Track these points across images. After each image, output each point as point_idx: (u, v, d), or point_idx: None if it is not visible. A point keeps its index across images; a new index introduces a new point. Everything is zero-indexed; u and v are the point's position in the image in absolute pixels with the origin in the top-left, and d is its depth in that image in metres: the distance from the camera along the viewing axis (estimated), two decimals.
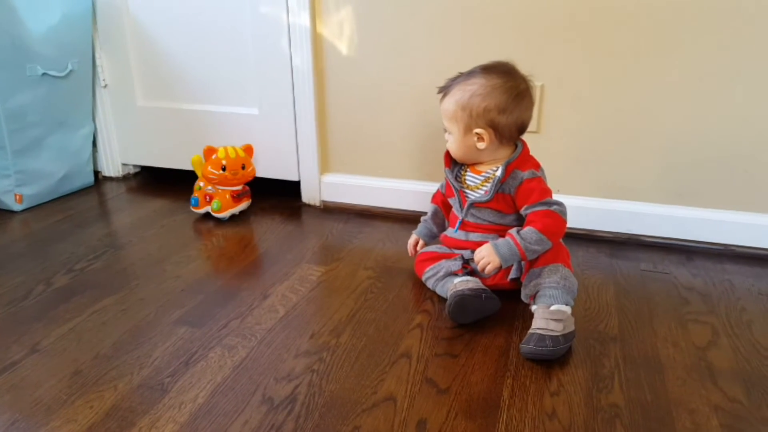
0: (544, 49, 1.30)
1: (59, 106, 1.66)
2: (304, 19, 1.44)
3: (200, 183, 1.52)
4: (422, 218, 1.26)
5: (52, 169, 1.66)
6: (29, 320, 1.05)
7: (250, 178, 1.51)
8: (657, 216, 1.33)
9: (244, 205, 1.54)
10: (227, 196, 1.49)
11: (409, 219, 1.50)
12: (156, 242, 1.39)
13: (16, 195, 1.57)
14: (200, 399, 0.83)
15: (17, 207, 1.58)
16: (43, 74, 1.57)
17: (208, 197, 1.51)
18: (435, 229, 1.24)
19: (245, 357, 0.93)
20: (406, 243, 1.26)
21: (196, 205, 1.52)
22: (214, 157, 1.45)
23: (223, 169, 1.44)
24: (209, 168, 1.45)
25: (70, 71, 1.65)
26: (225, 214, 1.50)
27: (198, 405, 0.82)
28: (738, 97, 1.21)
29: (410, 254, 1.23)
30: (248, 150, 1.52)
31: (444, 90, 1.09)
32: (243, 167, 1.47)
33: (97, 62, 1.75)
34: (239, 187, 1.51)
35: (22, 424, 0.79)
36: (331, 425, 0.78)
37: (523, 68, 1.06)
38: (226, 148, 1.46)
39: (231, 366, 0.91)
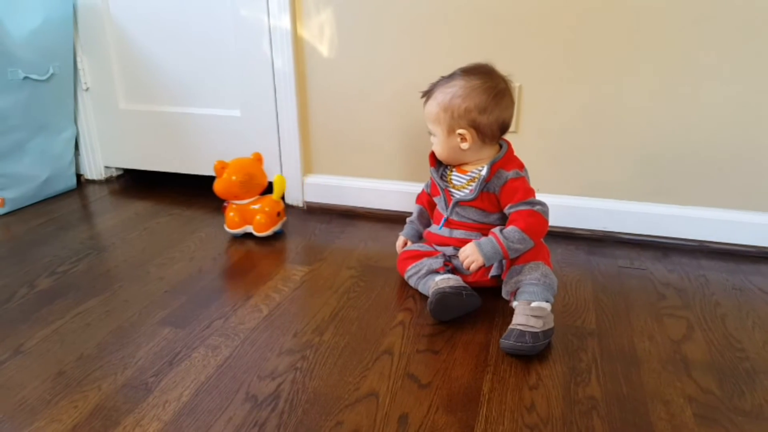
0: (523, 49, 1.32)
1: (41, 110, 1.65)
2: (285, 22, 1.45)
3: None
4: (408, 219, 1.27)
5: (34, 172, 1.65)
6: (13, 322, 1.05)
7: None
8: (633, 213, 1.36)
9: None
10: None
11: (392, 219, 1.51)
12: (139, 244, 1.39)
13: None
14: (184, 398, 0.84)
15: None
16: (25, 78, 1.57)
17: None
18: (422, 230, 1.25)
19: (229, 356, 0.94)
20: (389, 242, 1.27)
21: None
22: None
23: None
24: None
25: (52, 75, 1.65)
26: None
27: (182, 403, 0.83)
28: (712, 96, 1.24)
29: None
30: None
31: (426, 94, 1.11)
32: None
33: (79, 66, 1.74)
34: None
35: (6, 425, 0.79)
36: (314, 421, 0.79)
37: (502, 69, 1.08)
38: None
39: (215, 365, 0.91)
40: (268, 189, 1.45)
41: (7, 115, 1.54)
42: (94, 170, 1.88)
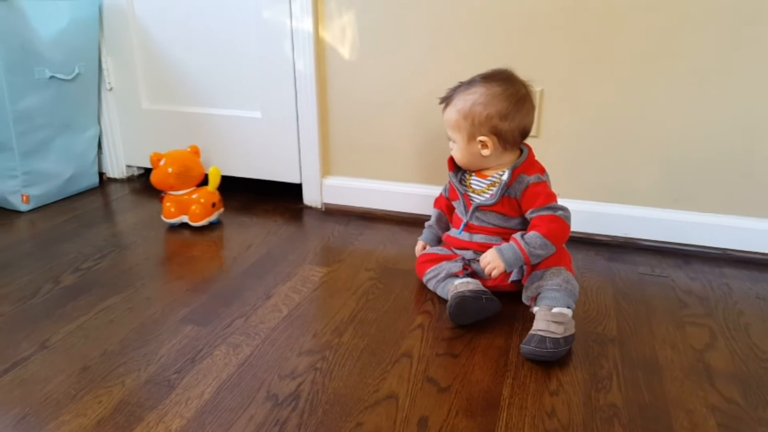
0: (544, 54, 1.32)
1: (66, 109, 1.68)
2: (307, 24, 1.46)
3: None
4: (426, 224, 1.27)
5: (58, 170, 1.68)
6: (38, 318, 1.07)
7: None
8: (654, 220, 1.35)
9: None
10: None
11: (410, 221, 1.52)
12: (160, 242, 1.41)
13: (23, 195, 1.59)
14: (206, 395, 0.85)
15: (24, 207, 1.60)
16: (51, 77, 1.59)
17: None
18: (440, 234, 1.25)
19: (250, 355, 0.95)
20: (407, 245, 1.28)
21: None
22: None
23: None
24: None
25: (77, 74, 1.68)
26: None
27: (204, 401, 0.84)
28: (735, 101, 1.23)
29: None
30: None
31: (445, 100, 1.11)
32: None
33: (103, 66, 1.77)
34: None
35: (32, 419, 0.80)
36: (334, 421, 0.80)
37: (523, 74, 1.08)
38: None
39: (236, 363, 0.92)
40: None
41: (33, 113, 1.57)
42: (116, 169, 1.90)
